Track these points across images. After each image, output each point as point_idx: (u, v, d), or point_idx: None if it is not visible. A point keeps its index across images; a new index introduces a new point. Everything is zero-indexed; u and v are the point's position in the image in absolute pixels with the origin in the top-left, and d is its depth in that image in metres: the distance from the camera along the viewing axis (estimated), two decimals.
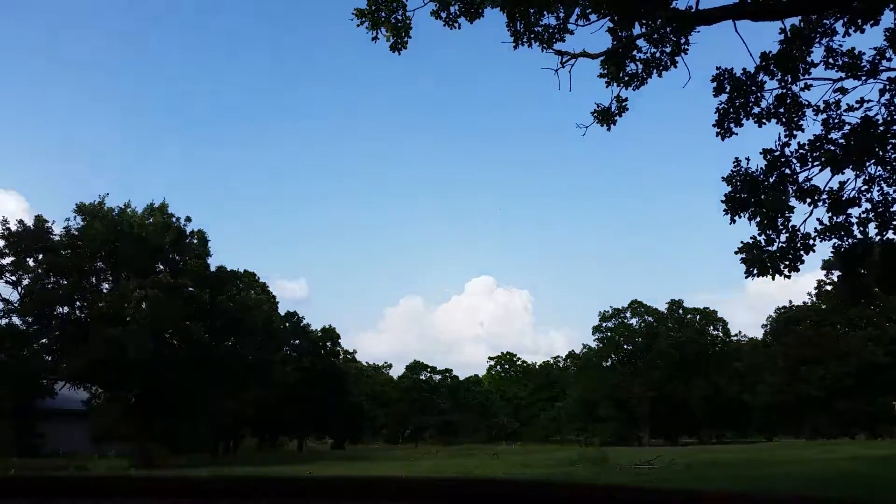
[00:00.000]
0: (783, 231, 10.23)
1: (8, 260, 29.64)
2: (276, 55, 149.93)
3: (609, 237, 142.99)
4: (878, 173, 10.21)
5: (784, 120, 10.35)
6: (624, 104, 10.62)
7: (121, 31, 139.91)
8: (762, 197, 10.15)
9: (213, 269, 34.61)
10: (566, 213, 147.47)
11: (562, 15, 9.98)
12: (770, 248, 10.17)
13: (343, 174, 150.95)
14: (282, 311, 50.45)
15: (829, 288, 54.36)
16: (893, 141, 9.86)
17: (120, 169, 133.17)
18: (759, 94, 10.23)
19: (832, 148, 10.05)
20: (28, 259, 29.95)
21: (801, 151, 10.32)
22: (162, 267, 31.58)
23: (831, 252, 10.72)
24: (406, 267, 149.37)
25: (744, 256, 10.20)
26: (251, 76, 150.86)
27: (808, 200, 10.35)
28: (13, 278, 29.80)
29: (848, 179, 10.35)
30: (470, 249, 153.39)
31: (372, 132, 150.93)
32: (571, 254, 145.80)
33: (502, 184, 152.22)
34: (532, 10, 9.69)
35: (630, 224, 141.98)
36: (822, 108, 10.32)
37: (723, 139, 10.45)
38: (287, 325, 50.66)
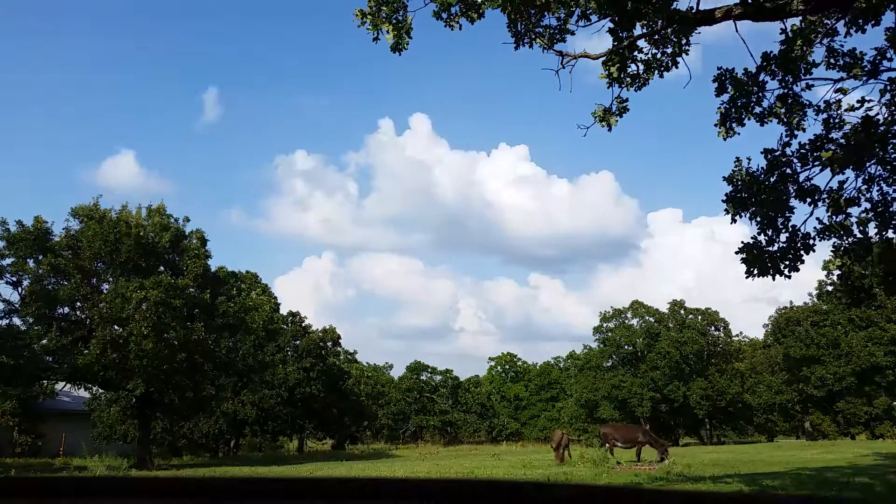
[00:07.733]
0: (783, 231, 10.22)
1: (8, 261, 29.66)
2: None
3: None
4: (878, 173, 10.20)
5: (785, 120, 10.33)
6: (625, 104, 10.59)
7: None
8: (763, 197, 10.13)
9: (213, 269, 34.60)
10: None
11: (562, 16, 9.97)
12: (770, 248, 10.16)
13: None
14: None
15: (829, 288, 54.30)
16: (894, 141, 9.84)
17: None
18: (760, 94, 10.22)
19: (834, 148, 10.03)
20: (28, 260, 29.95)
21: (801, 151, 10.31)
22: (162, 268, 31.58)
23: (831, 252, 10.70)
24: None
25: (744, 256, 10.19)
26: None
27: (809, 200, 10.34)
28: (13, 279, 29.82)
29: (848, 179, 10.34)
30: None
31: None
32: None
33: None
34: (532, 11, 9.68)
35: None
36: (822, 107, 10.31)
37: (725, 139, 10.43)
38: (287, 324, 50.63)
